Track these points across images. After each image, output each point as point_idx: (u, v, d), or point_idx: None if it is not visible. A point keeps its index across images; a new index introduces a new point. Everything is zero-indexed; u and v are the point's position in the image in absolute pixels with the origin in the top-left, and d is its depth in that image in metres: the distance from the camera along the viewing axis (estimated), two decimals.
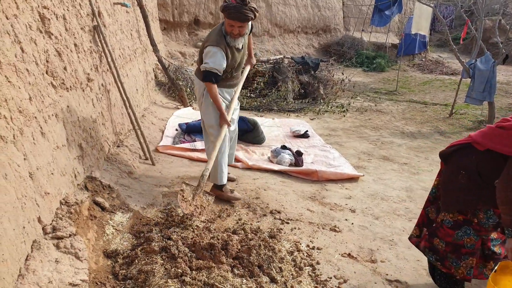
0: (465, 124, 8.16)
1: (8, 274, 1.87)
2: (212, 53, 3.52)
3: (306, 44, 16.26)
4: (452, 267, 2.54)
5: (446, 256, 2.56)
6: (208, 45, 3.56)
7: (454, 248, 2.52)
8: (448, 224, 2.55)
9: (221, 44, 3.54)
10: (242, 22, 3.47)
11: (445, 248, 2.56)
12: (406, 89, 11.89)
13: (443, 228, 2.57)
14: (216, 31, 3.61)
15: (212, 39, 3.56)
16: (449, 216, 2.55)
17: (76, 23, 3.43)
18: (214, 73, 3.53)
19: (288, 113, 8.10)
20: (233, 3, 3.38)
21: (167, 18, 10.77)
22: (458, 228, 2.51)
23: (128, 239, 3.00)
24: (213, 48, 3.52)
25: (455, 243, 2.52)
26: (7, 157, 2.04)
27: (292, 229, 3.49)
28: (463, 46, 18.74)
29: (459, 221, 2.51)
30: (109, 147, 4.11)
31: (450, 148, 2.64)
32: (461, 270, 2.51)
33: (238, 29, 3.51)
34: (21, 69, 2.32)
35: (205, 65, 3.53)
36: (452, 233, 2.52)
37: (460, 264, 2.51)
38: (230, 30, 3.52)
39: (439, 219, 2.62)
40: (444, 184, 2.60)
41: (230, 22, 3.46)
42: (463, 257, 2.51)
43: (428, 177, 5.10)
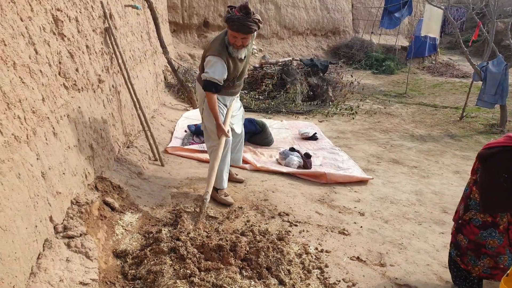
0: (476, 127, 8.09)
1: (20, 272, 1.89)
2: (213, 63, 3.49)
3: (315, 46, 16.26)
4: (470, 264, 2.63)
5: (466, 253, 2.64)
6: (209, 54, 3.52)
7: (475, 247, 2.59)
8: (476, 223, 2.58)
9: (223, 55, 3.50)
10: (245, 34, 3.43)
11: (467, 245, 2.62)
12: (416, 91, 11.83)
13: (469, 226, 2.61)
14: (219, 40, 3.56)
15: (214, 49, 3.52)
16: (479, 216, 2.57)
17: (88, 25, 3.47)
18: (214, 83, 3.49)
19: (297, 115, 8.09)
20: (237, 15, 3.34)
21: (176, 20, 10.83)
22: (484, 229, 2.55)
23: (137, 239, 3.02)
24: (213, 58, 3.49)
25: (477, 242, 2.57)
26: (21, 157, 2.07)
27: (301, 232, 3.49)
28: (474, 49, 18.62)
29: (487, 222, 2.54)
30: (119, 148, 4.15)
31: (490, 149, 2.58)
32: (477, 268, 2.60)
33: (241, 41, 3.47)
34: (34, 70, 2.35)
35: (205, 75, 3.50)
36: (477, 232, 2.57)
37: (478, 262, 2.60)
38: (233, 41, 3.47)
39: (467, 216, 2.64)
40: (483, 186, 2.57)
41: (233, 33, 3.42)
42: (482, 256, 2.58)
43: (438, 181, 5.07)
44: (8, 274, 1.78)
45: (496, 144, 2.56)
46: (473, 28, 18.49)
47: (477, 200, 2.60)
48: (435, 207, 4.28)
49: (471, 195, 2.65)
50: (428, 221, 3.93)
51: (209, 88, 3.51)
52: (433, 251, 3.38)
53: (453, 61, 18.61)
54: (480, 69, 8.12)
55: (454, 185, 4.98)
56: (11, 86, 2.04)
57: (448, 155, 6.23)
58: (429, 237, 3.61)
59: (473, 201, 2.62)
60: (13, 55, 2.10)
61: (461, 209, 2.74)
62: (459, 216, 2.74)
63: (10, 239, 1.84)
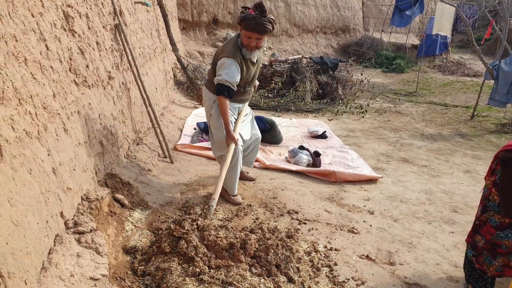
0: (487, 126, 8.00)
1: (31, 267, 1.90)
2: (227, 65, 3.39)
3: (325, 44, 16.19)
4: (485, 264, 2.62)
5: (482, 253, 2.62)
6: (223, 56, 3.43)
7: (491, 247, 2.58)
8: (493, 224, 2.56)
9: (237, 56, 3.42)
10: (260, 34, 3.36)
11: (484, 245, 2.61)
12: (426, 90, 11.73)
13: (486, 226, 2.60)
14: (232, 42, 3.48)
15: (227, 51, 3.43)
16: (497, 216, 2.55)
17: (98, 21, 3.48)
18: (227, 86, 3.39)
19: (306, 114, 8.07)
20: (252, 14, 3.27)
21: (186, 18, 10.85)
22: (501, 230, 2.53)
23: (147, 236, 3.03)
24: (228, 60, 3.40)
25: (493, 241, 2.56)
26: (32, 153, 2.09)
27: (310, 230, 3.47)
28: (486, 47, 18.42)
29: (504, 223, 2.52)
30: (129, 145, 4.16)
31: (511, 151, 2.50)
32: (492, 267, 2.59)
33: (256, 41, 3.40)
34: (45, 66, 2.36)
35: (218, 78, 3.40)
36: (494, 232, 2.55)
37: (493, 262, 2.59)
38: (247, 42, 3.40)
39: (484, 218, 2.62)
40: (505, 189, 2.50)
41: (248, 33, 3.34)
42: (497, 256, 2.57)
43: (448, 180, 5.02)
44: (20, 268, 1.79)
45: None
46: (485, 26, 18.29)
47: (495, 202, 2.56)
48: (445, 206, 4.24)
49: (490, 197, 2.61)
50: (438, 220, 3.89)
51: (221, 91, 3.41)
52: (443, 250, 3.35)
53: (465, 59, 18.43)
54: (492, 68, 8.02)
55: (464, 184, 4.93)
56: (23, 82, 2.05)
57: (458, 154, 6.17)
58: (439, 236, 3.58)
59: (492, 203, 2.58)
60: (24, 51, 2.11)
61: (479, 210, 2.71)
62: (477, 217, 2.72)
63: (21, 234, 1.85)
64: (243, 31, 3.37)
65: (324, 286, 2.72)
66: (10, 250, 1.72)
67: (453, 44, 21.32)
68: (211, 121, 3.73)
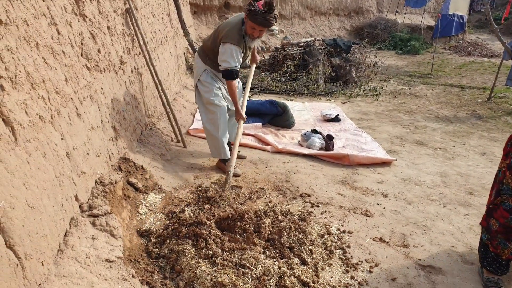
0: (505, 108, 7.84)
1: (48, 249, 1.94)
2: (233, 52, 3.68)
3: (338, 26, 15.97)
4: (499, 247, 2.60)
5: (496, 236, 2.60)
6: (229, 42, 3.67)
7: (505, 230, 2.55)
8: (506, 207, 2.53)
9: (241, 44, 3.73)
10: (264, 27, 3.65)
11: (498, 228, 2.59)
12: (442, 72, 11.52)
13: (500, 209, 2.57)
14: (237, 29, 3.72)
15: (233, 37, 3.68)
16: (510, 200, 2.51)
17: (109, 5, 3.47)
18: (236, 71, 3.76)
19: (319, 97, 8.00)
20: (261, 9, 3.51)
21: (197, 2, 10.76)
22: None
23: (161, 219, 3.06)
24: (233, 47, 3.68)
25: (507, 225, 2.53)
26: (46, 137, 2.11)
27: (323, 213, 3.47)
28: (504, 27, 17.97)
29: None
30: (142, 130, 4.18)
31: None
32: (507, 250, 2.57)
33: (259, 32, 3.70)
34: (57, 51, 2.37)
35: (226, 65, 3.70)
36: (507, 216, 2.52)
37: (507, 245, 2.56)
38: (251, 32, 3.68)
39: (498, 201, 2.59)
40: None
41: (254, 25, 3.61)
42: (511, 239, 2.54)
43: (464, 162, 4.95)
44: (37, 250, 1.83)
45: None
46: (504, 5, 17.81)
47: (510, 185, 2.52)
48: (461, 188, 4.19)
49: (504, 180, 2.57)
50: (453, 203, 3.85)
51: (231, 76, 3.74)
52: (458, 232, 3.32)
53: (482, 40, 18.02)
54: (511, 48, 7.82)
55: (480, 166, 4.86)
56: (35, 67, 2.06)
57: (474, 136, 6.07)
58: (453, 218, 3.55)
59: (506, 186, 2.54)
60: (35, 36, 2.11)
61: (493, 194, 2.67)
62: (491, 201, 2.68)
63: (37, 217, 1.88)
64: (249, 22, 3.62)
65: (337, 268, 2.73)
66: (26, 232, 1.75)
67: (470, 24, 20.83)
68: (199, 85, 4.02)
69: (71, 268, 1.99)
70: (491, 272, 2.68)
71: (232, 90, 3.80)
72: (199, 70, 4.01)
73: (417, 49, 14.93)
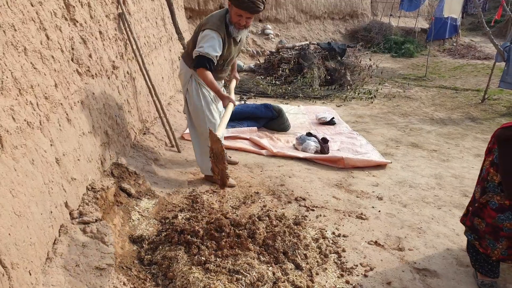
0: (498, 110, 7.85)
1: (36, 257, 1.90)
2: (209, 38, 3.25)
3: (333, 30, 16.00)
4: (489, 248, 2.56)
5: (484, 237, 2.57)
6: (206, 28, 3.28)
7: (493, 230, 2.52)
8: (493, 206, 2.50)
9: (221, 30, 3.30)
10: (251, 13, 3.28)
11: (485, 228, 2.55)
12: (436, 74, 11.55)
13: (486, 208, 2.54)
14: (218, 16, 3.36)
15: (211, 23, 3.30)
16: (496, 198, 2.49)
17: (101, 10, 3.45)
18: (208, 58, 3.24)
19: (314, 100, 7.99)
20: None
21: (192, 6, 10.76)
22: (502, 212, 2.47)
23: (154, 225, 3.03)
24: (211, 33, 3.26)
25: (495, 225, 2.50)
26: (34, 143, 2.07)
27: (317, 216, 3.45)
28: (497, 30, 18.09)
29: (504, 205, 2.46)
30: (135, 134, 4.15)
31: (506, 129, 2.45)
32: (497, 251, 2.54)
33: (246, 20, 3.31)
34: (46, 56, 2.34)
35: (199, 49, 3.24)
36: (494, 215, 2.49)
37: (496, 245, 2.53)
38: (236, 20, 3.30)
39: (483, 199, 2.57)
40: (506, 169, 2.44)
41: (240, 11, 3.24)
42: (500, 239, 2.51)
43: (458, 164, 4.94)
44: (24, 259, 1.79)
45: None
46: (496, 8, 17.91)
47: (495, 182, 2.51)
48: (455, 190, 4.18)
49: (488, 177, 2.56)
50: (448, 205, 3.84)
51: (202, 63, 3.24)
52: (453, 235, 3.30)
53: (475, 42, 18.11)
54: (503, 50, 7.85)
55: (475, 168, 4.85)
56: (23, 72, 2.03)
57: (469, 138, 6.07)
58: (448, 221, 3.53)
59: (491, 183, 2.53)
60: (23, 40, 2.09)
61: (478, 192, 2.64)
62: (475, 199, 2.66)
63: (24, 225, 1.85)
64: (234, 9, 3.25)
65: (332, 273, 2.70)
66: (13, 241, 1.72)
67: (463, 27, 20.93)
68: (188, 95, 3.67)
69: (60, 277, 1.96)
70: (485, 275, 2.66)
71: (208, 79, 3.27)
72: (185, 77, 3.65)
73: (412, 52, 14.99)
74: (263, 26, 13.03)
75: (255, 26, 12.86)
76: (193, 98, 3.63)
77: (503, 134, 2.47)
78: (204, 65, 3.25)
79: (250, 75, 9.87)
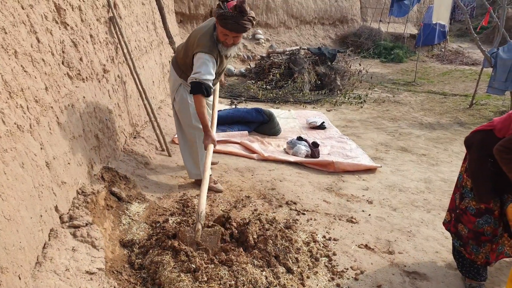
0: (486, 114, 7.96)
1: (25, 262, 1.89)
2: (203, 61, 3.17)
3: (323, 35, 16.10)
4: (473, 253, 2.58)
5: (468, 242, 2.59)
6: (200, 51, 3.19)
7: (475, 235, 2.54)
8: (471, 211, 2.54)
9: (214, 52, 3.23)
10: (238, 33, 3.18)
11: (467, 234, 2.58)
12: (425, 80, 11.67)
13: (466, 214, 2.57)
14: (208, 36, 3.24)
15: (204, 45, 3.20)
16: (472, 203, 2.53)
17: (92, 14, 3.44)
18: (207, 85, 3.17)
19: (305, 105, 8.03)
20: (231, 12, 3.01)
21: (183, 11, 10.77)
22: (480, 216, 2.51)
23: (144, 229, 3.01)
24: (205, 56, 3.18)
25: (475, 230, 2.53)
26: (24, 146, 2.06)
27: (308, 220, 3.46)
28: (484, 36, 18.34)
29: (481, 209, 2.50)
30: (126, 138, 4.14)
31: (475, 134, 2.54)
32: (480, 255, 2.56)
33: (233, 39, 3.21)
34: (37, 59, 2.33)
35: (196, 76, 3.15)
36: (474, 220, 2.53)
37: (480, 250, 2.56)
38: (223, 39, 3.20)
39: (462, 205, 2.60)
40: (473, 173, 2.50)
41: (225, 31, 3.13)
42: (482, 244, 2.54)
43: (447, 168, 5.00)
44: (13, 263, 1.78)
45: (481, 128, 2.51)
46: (483, 14, 18.17)
47: (468, 187, 2.56)
48: (444, 194, 4.22)
49: (463, 183, 2.61)
50: (437, 209, 3.88)
51: (200, 90, 3.16)
52: (442, 238, 3.33)
53: (463, 48, 18.35)
54: (490, 56, 7.97)
55: None
56: (13, 75, 2.02)
57: (457, 142, 6.14)
58: (438, 224, 3.56)
59: (465, 189, 2.59)
60: (14, 44, 2.08)
61: (457, 198, 2.69)
62: (456, 205, 2.69)
63: (14, 229, 1.83)
64: (220, 28, 3.15)
65: (323, 276, 2.71)
66: (2, 245, 1.70)
67: (451, 33, 21.18)
68: (175, 104, 3.64)
69: (50, 281, 1.94)
70: (472, 279, 2.68)
71: (201, 109, 3.21)
72: (174, 85, 3.59)
73: (401, 57, 15.13)
74: (254, 31, 13.08)
75: None
76: (182, 106, 3.59)
77: (470, 139, 2.53)
78: (201, 92, 3.17)
79: (241, 80, 9.89)
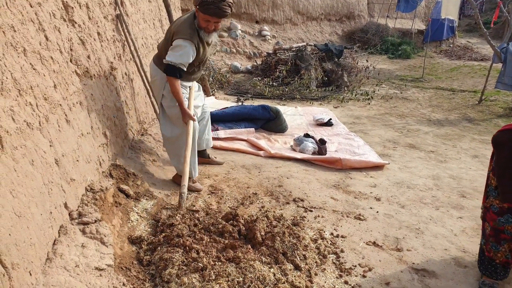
0: (495, 111, 7.90)
1: (36, 258, 1.90)
2: (182, 47, 3.31)
3: (330, 31, 16.03)
4: (492, 251, 2.60)
5: (488, 240, 2.61)
6: (179, 37, 3.31)
7: (495, 233, 2.56)
8: (494, 210, 2.55)
9: (194, 39, 3.33)
10: (219, 18, 3.30)
11: (489, 232, 2.60)
12: (433, 76, 11.59)
13: (489, 212, 2.58)
14: (188, 23, 3.36)
15: (184, 32, 3.31)
16: (496, 201, 2.54)
17: (99, 11, 3.45)
18: (179, 68, 3.33)
19: (311, 102, 8.01)
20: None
21: (189, 8, 10.75)
22: (501, 215, 2.51)
23: (152, 226, 3.02)
24: (184, 42, 3.30)
25: (496, 227, 2.54)
26: (34, 144, 2.07)
27: (316, 217, 3.45)
28: (494, 31, 18.15)
29: (503, 208, 2.50)
30: (133, 136, 4.15)
31: (505, 132, 2.46)
32: (499, 254, 2.57)
33: (214, 25, 3.34)
34: (45, 57, 2.34)
35: (171, 59, 3.31)
36: (495, 218, 2.54)
37: (499, 248, 2.57)
38: (205, 25, 3.32)
39: (487, 203, 2.62)
40: (499, 173, 2.47)
41: (207, 17, 3.25)
42: (502, 242, 2.54)
43: (455, 165, 4.97)
44: (24, 259, 1.79)
45: (510, 127, 2.47)
46: (492, 9, 18.02)
47: (492, 186, 2.56)
48: (453, 191, 4.20)
49: (489, 182, 2.62)
50: (446, 206, 3.85)
51: (173, 73, 3.34)
52: (451, 235, 3.31)
53: (472, 44, 18.19)
54: (500, 51, 7.89)
55: (472, 169, 4.87)
56: (22, 73, 2.04)
57: (466, 139, 6.10)
58: (446, 221, 3.55)
59: (490, 187, 2.59)
60: (23, 41, 2.09)
61: (485, 196, 2.69)
62: (483, 204, 2.70)
63: (25, 225, 1.85)
64: (201, 14, 3.27)
65: (331, 273, 2.71)
66: (13, 241, 1.72)
67: (460, 28, 21.02)
68: (163, 100, 3.63)
69: (60, 277, 1.96)
70: (488, 277, 2.67)
71: (176, 89, 3.37)
72: (161, 82, 3.57)
73: (408, 53, 15.04)
74: (260, 27, 13.05)
75: (252, 27, 12.88)
76: (171, 102, 3.58)
77: (498, 138, 2.50)
78: (174, 75, 3.34)
79: (247, 77, 9.89)
